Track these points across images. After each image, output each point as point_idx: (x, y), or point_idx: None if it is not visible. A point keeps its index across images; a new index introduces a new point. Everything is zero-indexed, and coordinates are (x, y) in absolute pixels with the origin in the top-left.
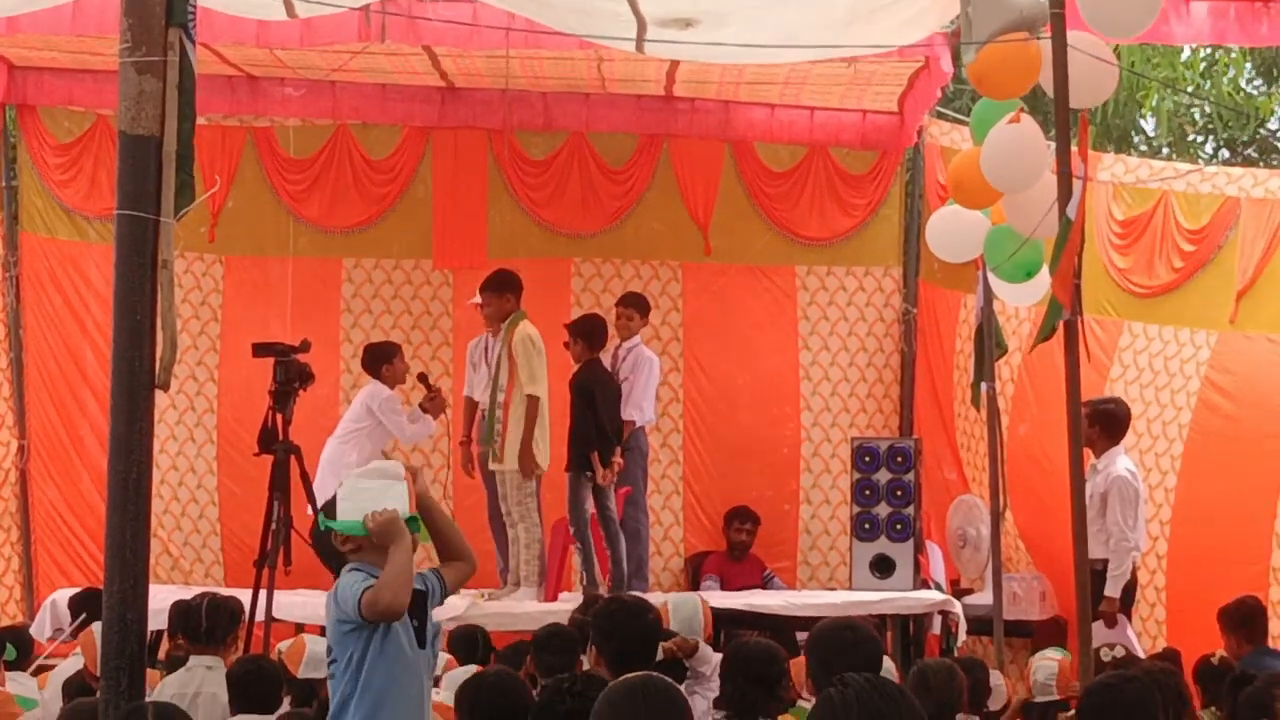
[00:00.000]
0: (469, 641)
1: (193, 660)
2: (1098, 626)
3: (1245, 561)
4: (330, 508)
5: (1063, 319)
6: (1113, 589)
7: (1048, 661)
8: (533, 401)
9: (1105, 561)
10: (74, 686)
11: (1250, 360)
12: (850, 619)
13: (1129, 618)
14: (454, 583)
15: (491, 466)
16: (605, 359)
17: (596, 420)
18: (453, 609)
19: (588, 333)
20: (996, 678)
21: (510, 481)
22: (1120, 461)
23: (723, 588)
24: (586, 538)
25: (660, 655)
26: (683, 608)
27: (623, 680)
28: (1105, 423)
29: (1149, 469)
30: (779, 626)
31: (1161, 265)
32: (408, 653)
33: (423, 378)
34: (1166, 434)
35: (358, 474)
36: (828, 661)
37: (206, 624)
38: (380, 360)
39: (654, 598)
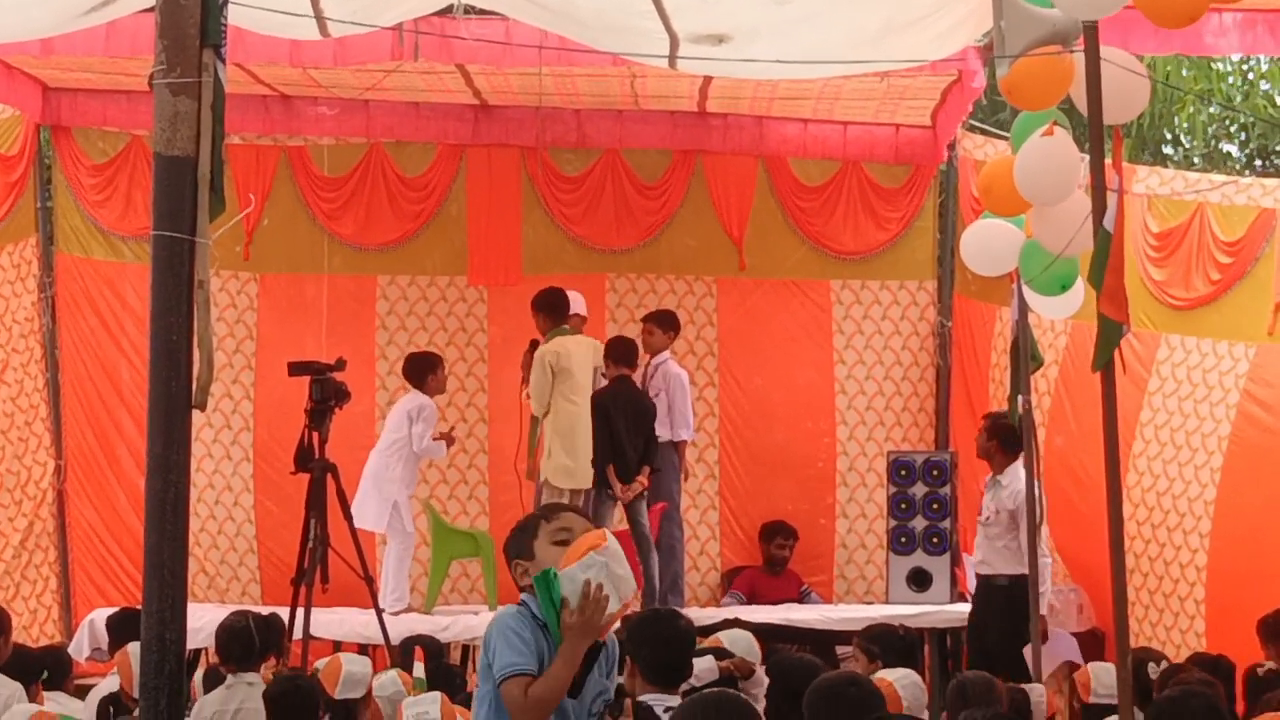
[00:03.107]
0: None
1: (231, 678)
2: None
3: None
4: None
5: (1123, 336)
6: (1042, 606)
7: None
8: (530, 417)
9: (1011, 576)
10: (109, 706)
11: None
12: (853, 673)
13: None
14: None
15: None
16: (636, 376)
17: (611, 437)
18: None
19: (610, 352)
20: (1039, 690)
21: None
22: (1024, 477)
23: (758, 602)
24: None
25: (718, 673)
26: (740, 641)
27: (700, 695)
28: (1004, 437)
29: (1188, 481)
30: (821, 641)
31: (1198, 277)
32: None
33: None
34: (1206, 446)
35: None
36: (831, 719)
37: (260, 642)
38: (425, 370)
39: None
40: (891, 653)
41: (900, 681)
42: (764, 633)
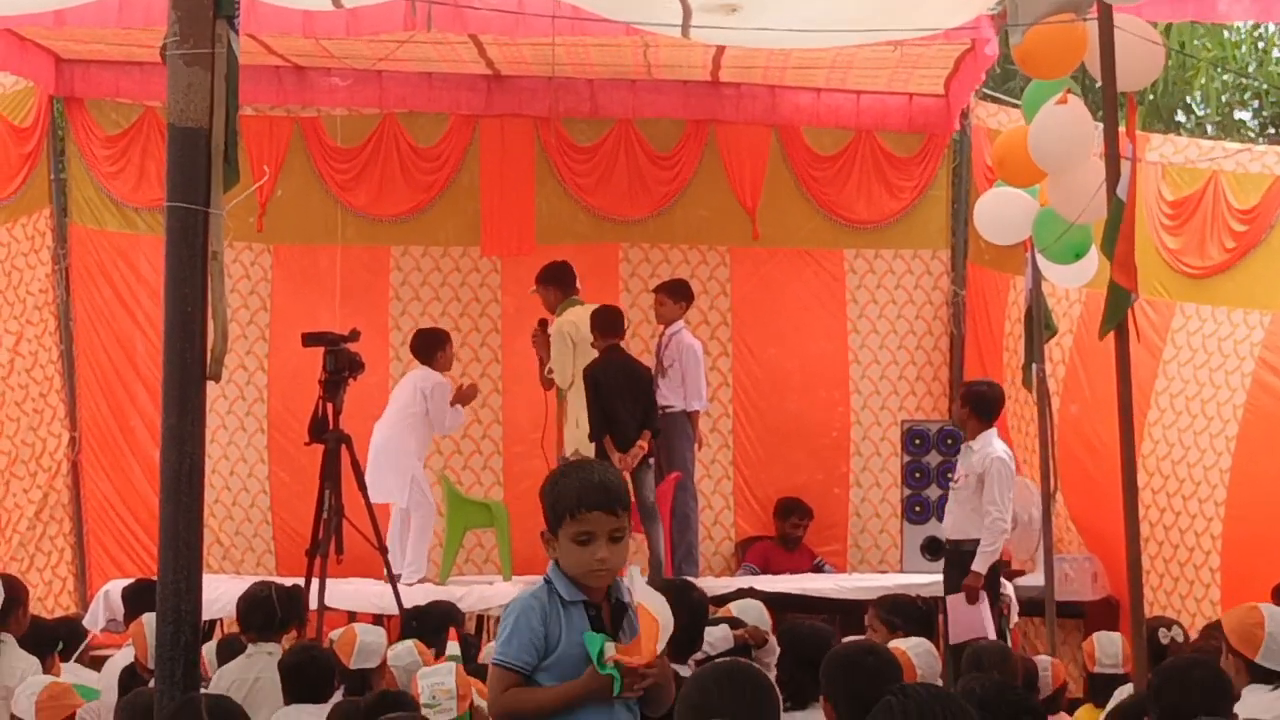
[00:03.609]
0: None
1: (252, 648)
2: (958, 601)
3: None
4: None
5: (1132, 304)
6: (981, 565)
7: (1114, 635)
8: (554, 386)
9: (978, 541)
10: (127, 677)
11: None
12: (868, 643)
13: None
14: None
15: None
16: (651, 345)
17: (603, 408)
18: (504, 595)
19: (594, 322)
20: (1045, 661)
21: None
22: (996, 443)
23: (771, 574)
24: None
25: (733, 642)
26: (750, 610)
27: (712, 665)
28: (976, 404)
29: (1204, 450)
30: (844, 610)
31: (1213, 246)
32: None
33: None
34: (1221, 415)
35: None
36: (846, 689)
37: (282, 613)
38: (435, 346)
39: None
40: (912, 622)
41: (914, 650)
42: (781, 603)
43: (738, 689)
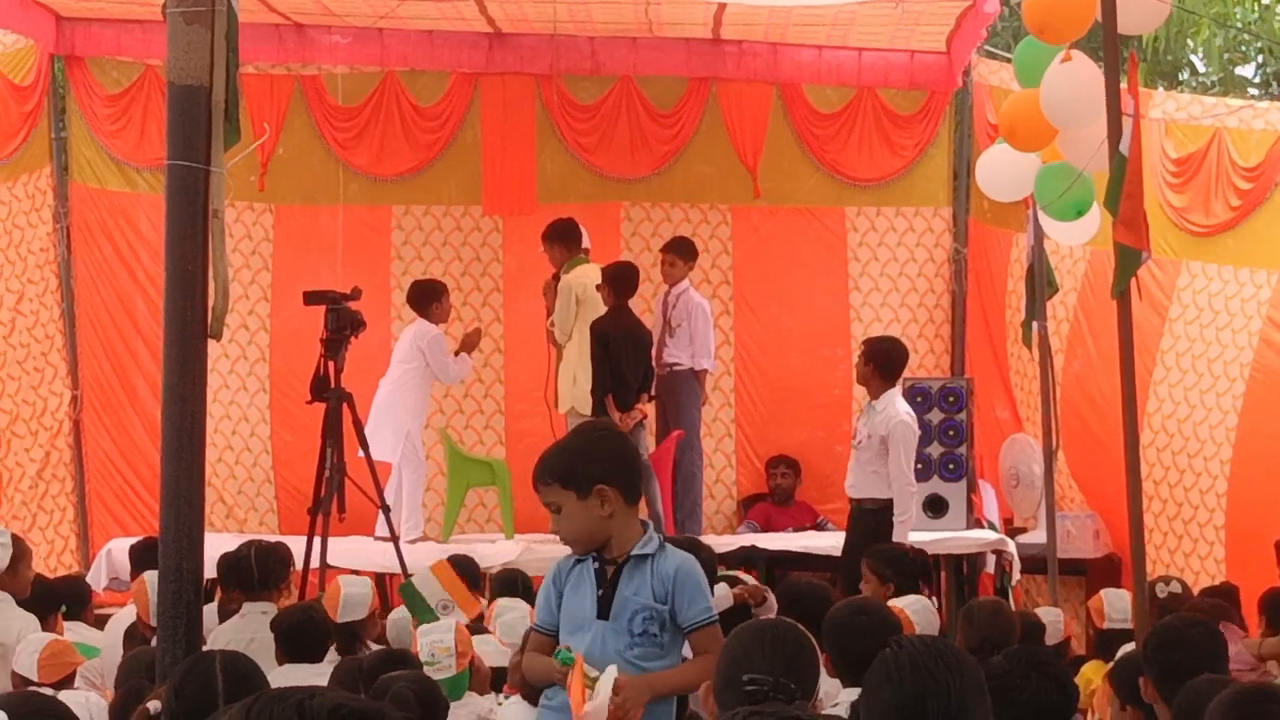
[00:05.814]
0: (509, 585)
1: (246, 607)
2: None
3: None
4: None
5: (1143, 262)
6: (901, 535)
7: (1122, 591)
8: (554, 341)
9: (879, 501)
10: (127, 635)
11: None
12: (864, 601)
13: None
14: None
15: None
16: (655, 305)
17: (612, 366)
18: (506, 553)
19: (613, 280)
20: (1055, 613)
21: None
22: (899, 404)
23: (772, 531)
24: None
25: (731, 601)
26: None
27: (755, 622)
28: (881, 362)
29: (1210, 409)
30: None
31: (1218, 204)
32: (584, 616)
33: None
34: (1228, 374)
35: None
36: (844, 648)
37: (259, 573)
38: (430, 298)
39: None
40: (903, 575)
41: (912, 608)
42: (782, 561)
43: (779, 648)
